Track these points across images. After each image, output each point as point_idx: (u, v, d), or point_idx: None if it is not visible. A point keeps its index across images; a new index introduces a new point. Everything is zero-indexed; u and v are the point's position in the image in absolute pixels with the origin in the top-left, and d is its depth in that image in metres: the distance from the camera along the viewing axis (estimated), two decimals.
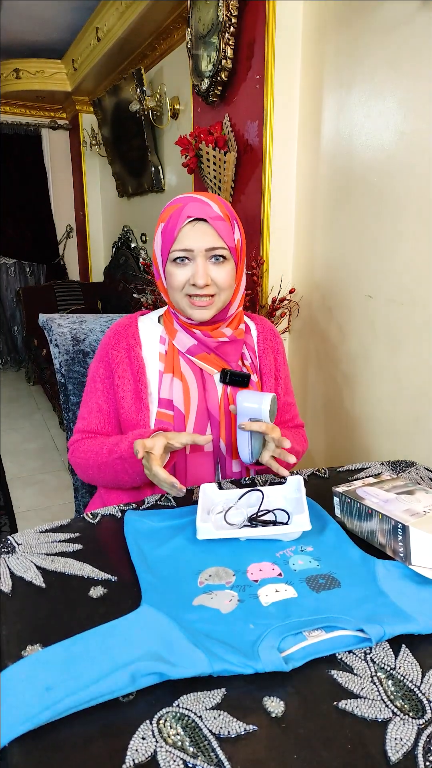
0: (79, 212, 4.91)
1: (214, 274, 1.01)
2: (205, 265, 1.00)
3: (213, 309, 1.04)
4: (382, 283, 1.61)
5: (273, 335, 1.19)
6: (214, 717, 0.53)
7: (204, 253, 1.00)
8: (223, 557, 0.78)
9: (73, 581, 0.74)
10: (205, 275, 0.99)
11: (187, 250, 1.00)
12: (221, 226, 1.00)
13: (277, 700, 0.55)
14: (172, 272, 1.02)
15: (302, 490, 0.87)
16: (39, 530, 0.86)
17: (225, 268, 1.02)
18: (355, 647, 0.61)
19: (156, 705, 0.55)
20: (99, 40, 3.31)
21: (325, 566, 0.76)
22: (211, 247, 1.00)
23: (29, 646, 0.62)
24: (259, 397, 0.94)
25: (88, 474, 1.09)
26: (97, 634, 0.62)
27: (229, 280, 1.03)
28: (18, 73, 4.09)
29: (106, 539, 0.85)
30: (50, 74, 4.14)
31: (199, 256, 1.00)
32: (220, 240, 1.00)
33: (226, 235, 1.01)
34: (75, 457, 1.10)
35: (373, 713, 0.53)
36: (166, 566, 0.77)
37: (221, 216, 1.01)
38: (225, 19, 1.91)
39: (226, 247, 1.01)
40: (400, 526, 0.73)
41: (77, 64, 3.83)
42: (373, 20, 1.53)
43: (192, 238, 0.99)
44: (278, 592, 0.70)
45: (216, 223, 1.00)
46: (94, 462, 1.05)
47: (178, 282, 1.02)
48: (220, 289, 1.02)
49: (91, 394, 1.12)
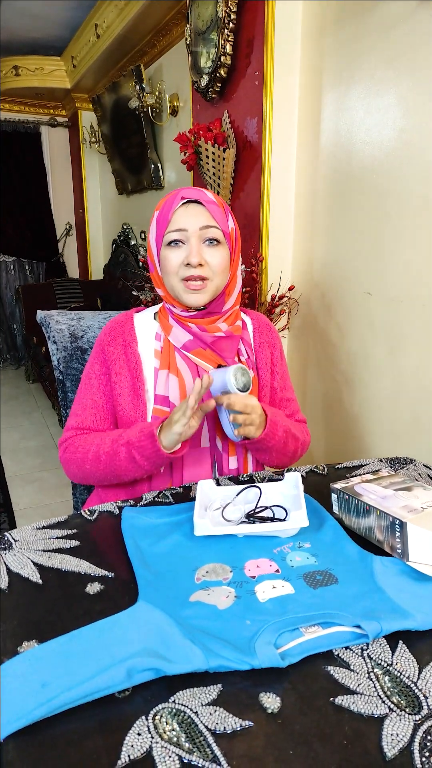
0: (79, 210, 4.90)
1: (208, 257, 1.02)
2: (199, 245, 1.01)
3: (207, 294, 1.03)
4: (381, 281, 1.60)
5: (269, 329, 1.19)
6: (210, 713, 0.53)
7: (198, 234, 1.01)
8: (220, 553, 0.78)
9: (69, 577, 0.74)
10: (198, 254, 1.00)
11: (181, 230, 1.01)
12: (215, 210, 1.02)
13: (274, 696, 0.55)
14: (167, 256, 1.03)
15: (300, 486, 0.87)
16: (36, 527, 0.86)
17: (219, 252, 1.03)
18: (352, 643, 0.61)
19: (152, 701, 0.54)
20: (98, 37, 3.30)
21: (323, 563, 0.75)
22: (205, 225, 1.01)
23: (25, 642, 0.62)
24: (224, 369, 0.97)
25: (83, 469, 1.05)
26: (94, 630, 0.62)
27: (223, 264, 1.03)
28: (17, 71, 4.08)
29: (104, 536, 0.85)
30: (49, 71, 4.13)
31: (193, 236, 1.01)
32: (213, 221, 1.02)
33: (220, 219, 1.03)
34: (69, 453, 1.07)
35: (370, 709, 0.53)
36: (163, 562, 0.76)
37: (215, 202, 1.03)
38: (224, 16, 1.91)
39: (220, 229, 1.02)
40: (397, 522, 0.73)
41: (76, 61, 3.82)
42: (373, 17, 1.53)
43: (186, 218, 1.01)
44: (275, 589, 0.70)
45: (210, 206, 1.02)
46: (93, 455, 1.03)
47: (172, 265, 1.03)
48: (213, 272, 1.02)
49: (85, 391, 1.11)
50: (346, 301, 1.77)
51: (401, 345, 1.56)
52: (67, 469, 1.10)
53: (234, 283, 1.09)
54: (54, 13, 3.34)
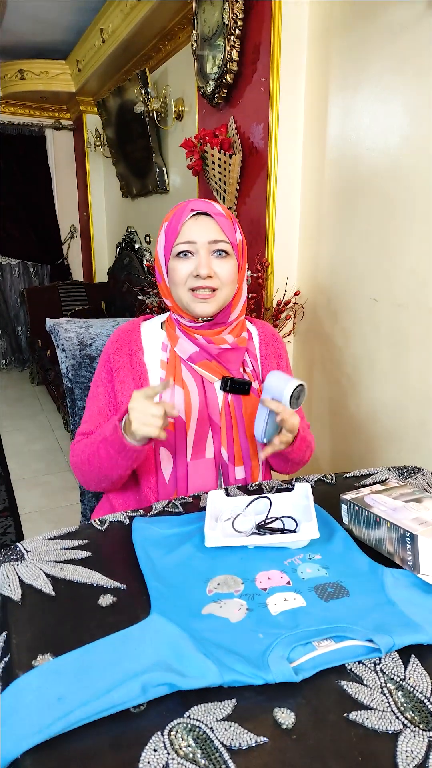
0: (83, 213, 4.92)
1: (216, 268, 1.02)
2: (208, 257, 1.02)
3: (215, 304, 1.04)
4: (387, 286, 1.61)
5: (275, 340, 1.20)
6: (225, 728, 0.53)
7: (207, 246, 1.02)
8: (231, 565, 0.79)
9: (82, 589, 0.74)
10: (207, 266, 1.01)
11: (191, 242, 1.02)
12: (224, 222, 1.03)
13: (288, 711, 0.55)
14: (175, 267, 1.04)
15: (310, 497, 0.87)
16: (47, 537, 0.86)
17: (227, 263, 1.03)
18: (365, 657, 0.62)
19: (167, 716, 0.55)
20: (103, 41, 3.31)
21: (334, 574, 0.76)
22: (214, 239, 1.02)
23: (40, 655, 0.62)
24: (286, 380, 0.95)
25: (82, 471, 1.07)
26: (108, 643, 0.62)
27: (231, 275, 1.04)
28: (22, 74, 4.10)
29: (115, 546, 0.85)
30: (54, 75, 4.14)
31: (202, 248, 1.01)
32: (222, 234, 1.02)
33: (229, 231, 1.03)
34: (73, 456, 1.09)
35: (384, 725, 0.54)
36: (175, 574, 0.77)
37: (224, 214, 1.04)
38: (230, 22, 1.91)
39: (229, 241, 1.03)
40: (408, 535, 0.74)
41: (81, 65, 3.84)
42: (379, 23, 1.53)
43: (195, 231, 1.02)
44: (287, 601, 0.70)
45: (219, 218, 1.03)
46: (86, 456, 1.04)
47: (181, 276, 1.03)
48: (222, 283, 1.03)
49: (93, 399, 1.12)
50: (351, 307, 1.78)
51: (407, 350, 1.56)
52: (75, 473, 1.11)
53: (240, 294, 1.09)
54: (59, 17, 3.35)
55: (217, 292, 1.03)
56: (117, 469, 1.00)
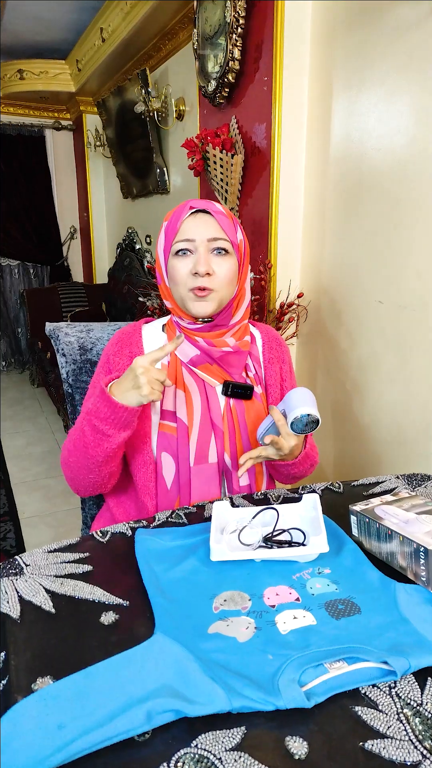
0: (83, 213, 4.89)
1: (215, 266, 1.00)
2: (207, 254, 1.00)
3: (214, 303, 1.01)
4: (392, 288, 1.58)
5: (279, 344, 1.17)
6: (234, 759, 0.50)
7: (206, 244, 0.99)
8: (237, 580, 0.76)
9: (83, 606, 0.71)
10: (206, 263, 0.99)
11: (189, 240, 0.99)
12: (224, 220, 1.01)
13: (300, 740, 0.52)
14: (174, 265, 1.01)
15: (319, 508, 0.85)
16: (47, 550, 0.83)
17: (227, 262, 1.01)
18: (379, 681, 0.59)
19: (173, 745, 0.52)
20: (103, 41, 3.29)
21: (344, 590, 0.73)
22: (213, 237, 1.00)
23: (39, 678, 0.60)
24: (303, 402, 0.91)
25: (69, 465, 1.01)
26: (110, 666, 0.60)
27: (231, 274, 1.02)
28: (22, 74, 4.07)
29: (117, 560, 0.82)
30: (54, 75, 4.12)
31: (201, 246, 0.99)
32: (222, 232, 1.00)
33: (229, 229, 1.01)
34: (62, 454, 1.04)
35: (402, 755, 0.51)
36: (180, 589, 0.74)
37: (224, 213, 1.02)
38: (232, 20, 1.89)
39: (229, 240, 1.01)
40: (422, 549, 0.71)
41: (81, 65, 3.81)
42: (384, 22, 1.51)
43: (194, 228, 1.00)
44: (296, 619, 0.68)
45: (219, 216, 1.00)
46: (72, 444, 0.99)
47: (180, 274, 1.01)
48: (221, 282, 1.01)
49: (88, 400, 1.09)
50: (356, 309, 1.75)
51: (412, 352, 1.54)
52: (64, 472, 1.06)
53: (242, 296, 1.07)
54: (59, 17, 3.33)
55: (215, 291, 1.01)
56: (104, 441, 0.93)
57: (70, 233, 5.07)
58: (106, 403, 0.91)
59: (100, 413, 0.92)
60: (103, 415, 0.92)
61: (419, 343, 1.51)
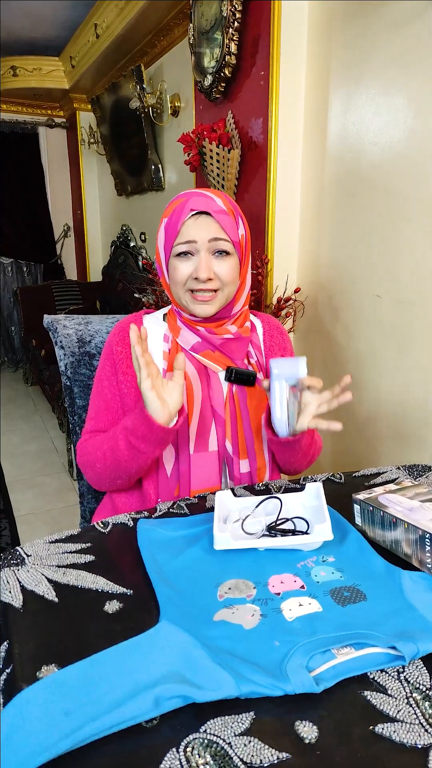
0: (77, 211, 4.87)
1: (217, 269, 0.99)
2: (208, 258, 0.98)
3: (216, 304, 1.01)
4: (390, 282, 1.58)
5: (279, 332, 1.17)
6: (244, 744, 0.50)
7: (207, 246, 0.98)
8: (242, 569, 0.75)
9: (86, 595, 0.71)
10: (207, 269, 0.97)
11: (190, 242, 0.98)
12: (225, 220, 0.99)
13: (310, 724, 0.52)
14: (175, 266, 1.01)
15: (322, 497, 0.84)
16: (48, 540, 0.83)
17: (228, 263, 1.00)
18: (388, 666, 0.59)
19: (182, 731, 0.51)
20: (98, 37, 3.27)
21: (349, 578, 0.73)
22: (214, 237, 0.98)
23: (44, 666, 0.59)
24: (295, 362, 0.93)
25: (96, 470, 1.03)
26: (116, 653, 0.59)
27: (233, 274, 1.01)
28: (15, 71, 4.05)
29: (119, 550, 0.82)
30: (48, 71, 4.10)
31: (202, 249, 0.98)
32: (223, 233, 0.99)
33: (230, 229, 1.00)
34: (83, 456, 1.06)
35: (412, 738, 0.50)
36: (184, 578, 0.74)
37: (225, 210, 1.00)
38: (229, 14, 1.88)
39: (230, 240, 1.00)
40: (427, 536, 0.71)
41: (75, 62, 3.79)
42: (382, 15, 1.51)
43: (195, 230, 0.98)
44: (302, 606, 0.67)
45: (219, 216, 0.99)
46: (101, 453, 1.00)
47: (181, 277, 1.00)
48: (223, 283, 1.00)
49: (97, 394, 1.09)
50: (353, 303, 1.75)
51: (410, 347, 1.54)
52: (85, 474, 1.08)
53: (243, 287, 1.06)
54: (53, 13, 3.31)
55: (218, 293, 1.00)
56: (140, 458, 0.96)
57: (63, 231, 5.05)
58: (144, 421, 0.92)
59: (137, 431, 0.93)
60: (140, 434, 0.93)
61: (417, 337, 1.51)
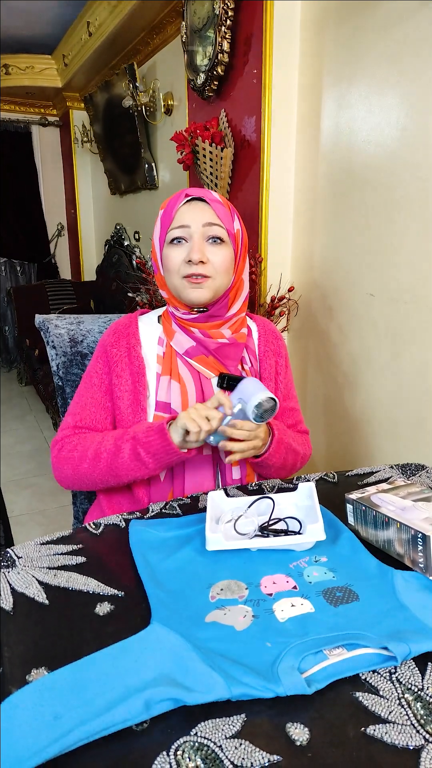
0: (71, 210, 4.85)
1: (210, 255, 0.99)
2: (201, 242, 0.99)
3: (208, 290, 1.00)
4: (384, 281, 1.58)
5: (275, 337, 1.16)
6: (235, 747, 0.50)
7: (201, 231, 0.98)
8: (234, 569, 0.75)
9: (77, 597, 0.70)
10: (200, 251, 0.97)
11: (184, 226, 0.98)
12: (220, 209, 1.00)
13: (301, 726, 0.52)
14: (168, 254, 1.00)
15: (314, 497, 0.84)
16: (39, 542, 0.82)
17: (222, 250, 1.00)
18: (379, 666, 0.58)
19: (172, 734, 0.51)
20: (90, 35, 3.26)
21: (342, 578, 0.72)
22: (209, 222, 0.98)
23: (34, 669, 0.58)
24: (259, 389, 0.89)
25: (79, 469, 1.00)
26: (107, 655, 0.59)
27: (226, 263, 1.01)
28: (7, 69, 4.03)
29: (111, 551, 0.81)
30: (40, 70, 4.08)
31: (195, 233, 0.98)
32: (217, 218, 0.99)
33: (225, 217, 1.00)
34: (65, 452, 1.03)
35: (404, 740, 0.50)
36: (176, 580, 0.73)
37: (220, 201, 1.01)
38: (221, 13, 1.87)
39: (224, 227, 1.00)
40: (420, 535, 0.70)
41: (68, 60, 3.78)
42: (375, 14, 1.50)
43: (189, 215, 0.99)
44: (294, 607, 0.67)
45: (215, 204, 1.00)
46: (93, 453, 0.98)
47: (174, 262, 1.00)
48: (216, 270, 0.99)
49: (85, 390, 1.07)
50: (347, 302, 1.75)
51: (405, 346, 1.54)
52: (59, 469, 1.04)
53: (240, 288, 1.06)
54: (45, 11, 3.29)
55: (210, 279, 0.99)
56: (140, 470, 0.96)
57: (57, 230, 5.03)
58: (162, 438, 0.91)
59: (150, 446, 0.93)
60: (153, 449, 0.93)
61: (411, 336, 1.51)
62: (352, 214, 1.67)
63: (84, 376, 1.09)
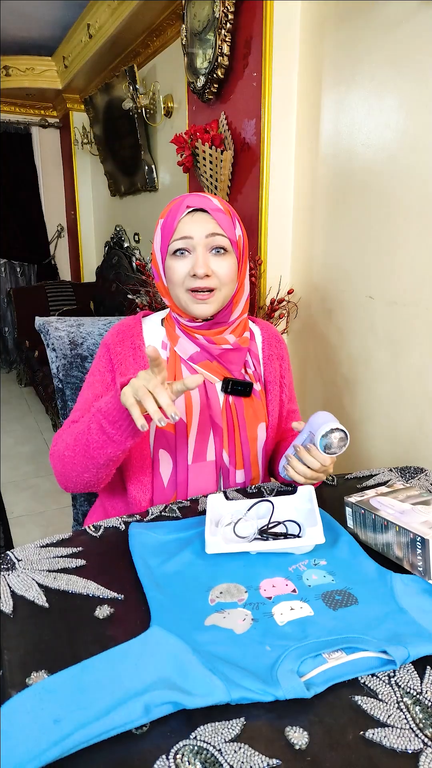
0: (71, 212, 4.85)
1: (215, 266, 0.98)
2: (206, 254, 0.97)
3: (215, 304, 1.00)
4: (383, 284, 1.58)
5: (278, 341, 1.16)
6: (234, 750, 0.50)
7: (204, 242, 0.97)
8: (233, 573, 0.75)
9: (77, 600, 0.70)
10: (205, 264, 0.96)
11: (187, 237, 0.97)
12: (221, 218, 0.98)
13: (300, 730, 0.52)
14: (172, 266, 0.99)
15: (314, 500, 0.84)
16: (39, 545, 0.82)
17: (226, 261, 0.99)
18: (378, 670, 0.59)
19: (172, 737, 0.51)
20: (90, 37, 3.26)
21: (341, 581, 0.73)
22: (212, 233, 0.97)
23: (34, 672, 0.58)
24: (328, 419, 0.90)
25: (63, 460, 0.96)
26: (106, 659, 0.59)
27: (231, 273, 1.00)
28: (8, 71, 4.03)
29: (111, 554, 0.81)
30: (41, 72, 4.08)
31: (199, 245, 0.97)
32: (220, 229, 0.98)
33: (227, 226, 0.99)
34: (55, 445, 0.99)
35: (403, 744, 0.50)
36: (175, 583, 0.73)
37: (221, 209, 0.99)
38: (221, 15, 1.88)
39: (227, 236, 0.98)
40: (419, 539, 0.71)
41: (68, 62, 3.78)
42: (374, 17, 1.51)
43: (191, 226, 0.97)
44: (293, 610, 0.67)
45: (216, 214, 0.98)
46: (72, 439, 0.93)
47: (178, 275, 0.98)
48: (221, 282, 0.98)
49: (89, 387, 1.06)
50: (346, 305, 1.75)
51: (404, 348, 1.54)
52: (54, 466, 1.01)
53: (241, 292, 1.05)
54: (45, 13, 3.30)
55: (216, 291, 0.99)
56: (110, 445, 0.89)
57: (57, 231, 5.03)
58: (118, 406, 0.85)
59: (110, 415, 0.87)
60: (112, 418, 0.87)
61: (410, 339, 1.51)
62: (352, 217, 1.68)
63: (88, 375, 1.08)
